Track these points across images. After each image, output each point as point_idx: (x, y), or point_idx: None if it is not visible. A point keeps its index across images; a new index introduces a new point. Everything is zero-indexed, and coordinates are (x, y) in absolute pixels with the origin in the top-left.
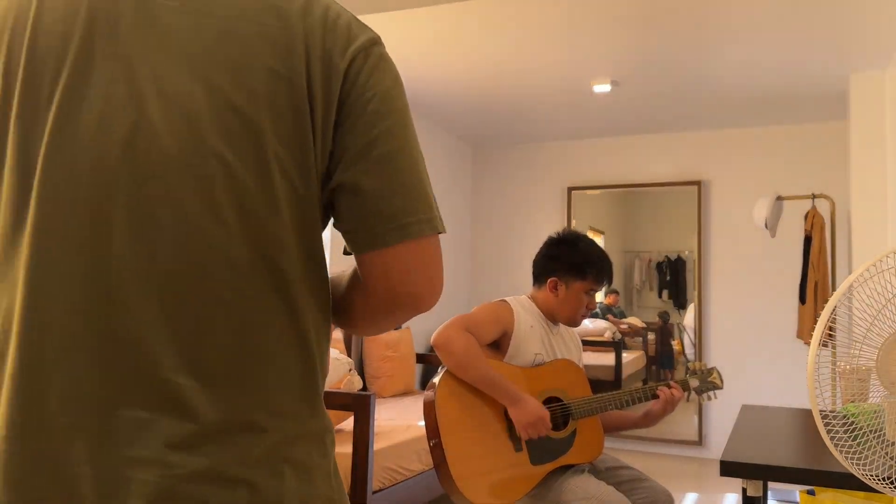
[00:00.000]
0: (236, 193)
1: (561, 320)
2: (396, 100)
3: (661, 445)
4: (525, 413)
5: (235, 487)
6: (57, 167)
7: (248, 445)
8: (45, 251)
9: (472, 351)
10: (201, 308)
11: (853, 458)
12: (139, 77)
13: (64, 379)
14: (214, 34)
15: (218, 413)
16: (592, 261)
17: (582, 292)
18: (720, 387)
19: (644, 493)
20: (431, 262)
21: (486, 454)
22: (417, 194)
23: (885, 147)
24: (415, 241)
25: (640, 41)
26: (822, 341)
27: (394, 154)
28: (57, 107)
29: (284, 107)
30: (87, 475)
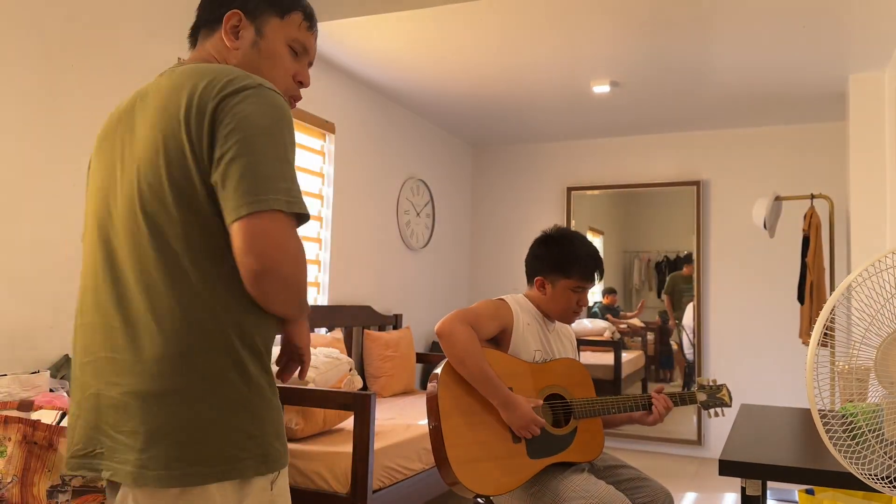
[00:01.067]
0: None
1: (555, 318)
2: (252, 121)
3: (660, 445)
4: (515, 417)
5: None
6: None
7: None
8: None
9: (473, 346)
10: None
11: (852, 458)
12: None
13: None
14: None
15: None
16: (576, 258)
17: (568, 290)
18: (728, 404)
19: (644, 493)
20: (260, 237)
21: (483, 441)
22: (249, 187)
23: (884, 147)
24: (244, 219)
25: (639, 41)
26: (821, 341)
27: (235, 160)
28: None
29: (173, 145)
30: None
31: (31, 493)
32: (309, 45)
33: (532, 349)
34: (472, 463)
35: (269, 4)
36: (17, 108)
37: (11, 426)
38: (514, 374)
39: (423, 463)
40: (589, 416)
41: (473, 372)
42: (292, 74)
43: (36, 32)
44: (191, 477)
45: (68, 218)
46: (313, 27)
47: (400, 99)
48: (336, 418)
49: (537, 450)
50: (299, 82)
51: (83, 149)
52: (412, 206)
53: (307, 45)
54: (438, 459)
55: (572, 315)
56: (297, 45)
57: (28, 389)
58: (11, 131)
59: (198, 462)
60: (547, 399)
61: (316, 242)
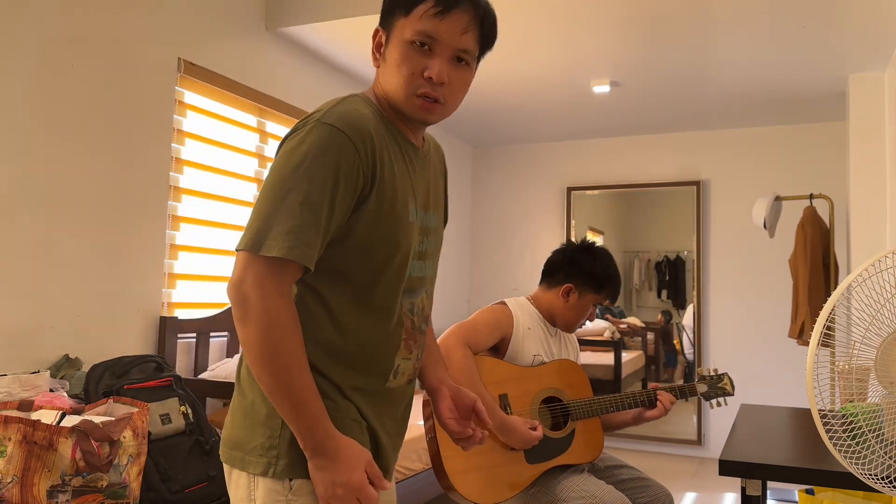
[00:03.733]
0: None
1: (559, 325)
2: (276, 161)
3: (660, 445)
4: (512, 440)
5: None
6: None
7: None
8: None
9: (468, 369)
10: None
11: (852, 458)
12: None
13: None
14: None
15: None
16: (611, 277)
17: (591, 304)
18: (731, 393)
19: (644, 493)
20: (236, 270)
21: (480, 450)
22: (250, 224)
23: (884, 147)
24: (239, 252)
25: (639, 41)
26: (821, 341)
27: (257, 198)
28: None
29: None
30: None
31: (31, 493)
32: (439, 34)
33: (531, 353)
34: (469, 473)
35: (396, 5)
36: (17, 107)
37: (11, 426)
38: (509, 379)
39: (423, 463)
40: (587, 416)
41: None
42: (420, 71)
43: (36, 32)
44: (227, 457)
45: (68, 218)
46: (446, 12)
47: None
48: None
49: (536, 455)
50: (428, 78)
51: (83, 149)
52: None
53: (436, 35)
54: (436, 468)
55: (578, 327)
56: (422, 36)
57: (28, 389)
58: (11, 131)
59: (233, 447)
60: (544, 401)
61: None
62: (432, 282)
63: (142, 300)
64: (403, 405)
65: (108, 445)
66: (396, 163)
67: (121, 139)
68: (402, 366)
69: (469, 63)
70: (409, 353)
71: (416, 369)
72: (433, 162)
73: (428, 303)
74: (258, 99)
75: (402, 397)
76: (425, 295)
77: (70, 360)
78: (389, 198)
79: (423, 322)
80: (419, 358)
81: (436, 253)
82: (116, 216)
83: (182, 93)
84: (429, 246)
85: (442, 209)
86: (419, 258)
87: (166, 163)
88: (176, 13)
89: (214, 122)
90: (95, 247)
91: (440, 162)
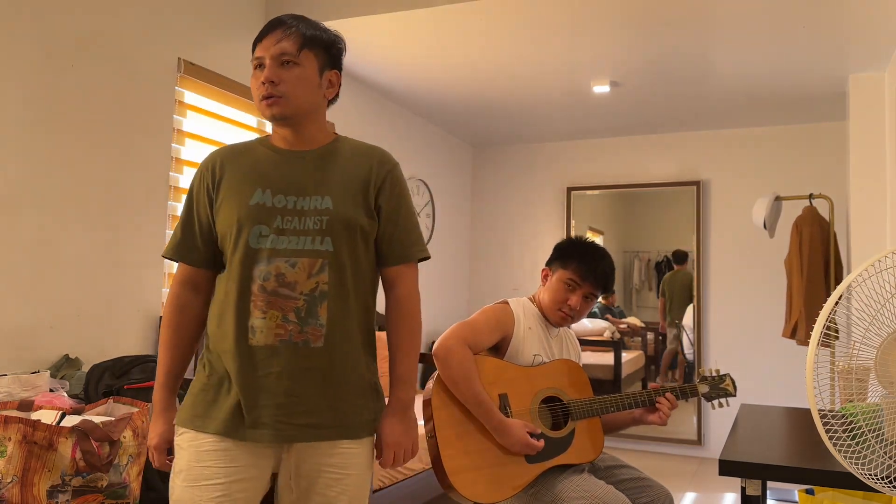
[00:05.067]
0: None
1: (548, 316)
2: None
3: (660, 445)
4: (510, 443)
5: None
6: None
7: None
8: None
9: (467, 370)
10: None
11: (852, 458)
12: None
13: None
14: None
15: None
16: (580, 254)
17: (562, 281)
18: (733, 394)
19: (644, 493)
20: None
21: (479, 450)
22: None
23: (884, 147)
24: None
25: (639, 42)
26: (821, 341)
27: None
28: None
29: None
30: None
31: (31, 493)
32: (262, 52)
33: (531, 353)
34: (468, 472)
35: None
36: (17, 107)
37: (11, 426)
38: (509, 379)
39: (423, 463)
40: (587, 416)
41: (467, 396)
42: (260, 82)
43: (36, 32)
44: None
45: (68, 218)
46: (262, 37)
47: (400, 99)
48: None
49: (535, 455)
50: (261, 84)
51: (83, 149)
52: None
53: (260, 54)
54: (435, 468)
55: (558, 313)
56: (255, 60)
57: (28, 389)
58: (12, 131)
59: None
60: (544, 401)
61: None
62: (301, 254)
63: (142, 300)
64: (279, 368)
65: (108, 445)
66: (251, 166)
67: (121, 139)
68: (257, 325)
69: (294, 62)
70: (263, 314)
71: (292, 331)
72: (336, 160)
73: (292, 272)
74: None
75: (272, 358)
76: (287, 265)
77: (70, 360)
78: (231, 190)
79: (284, 287)
80: (288, 320)
81: (310, 230)
82: (116, 216)
83: (182, 93)
84: (295, 224)
85: (336, 195)
86: (281, 233)
87: (166, 163)
88: (176, 13)
89: (214, 122)
90: (95, 247)
91: (359, 162)
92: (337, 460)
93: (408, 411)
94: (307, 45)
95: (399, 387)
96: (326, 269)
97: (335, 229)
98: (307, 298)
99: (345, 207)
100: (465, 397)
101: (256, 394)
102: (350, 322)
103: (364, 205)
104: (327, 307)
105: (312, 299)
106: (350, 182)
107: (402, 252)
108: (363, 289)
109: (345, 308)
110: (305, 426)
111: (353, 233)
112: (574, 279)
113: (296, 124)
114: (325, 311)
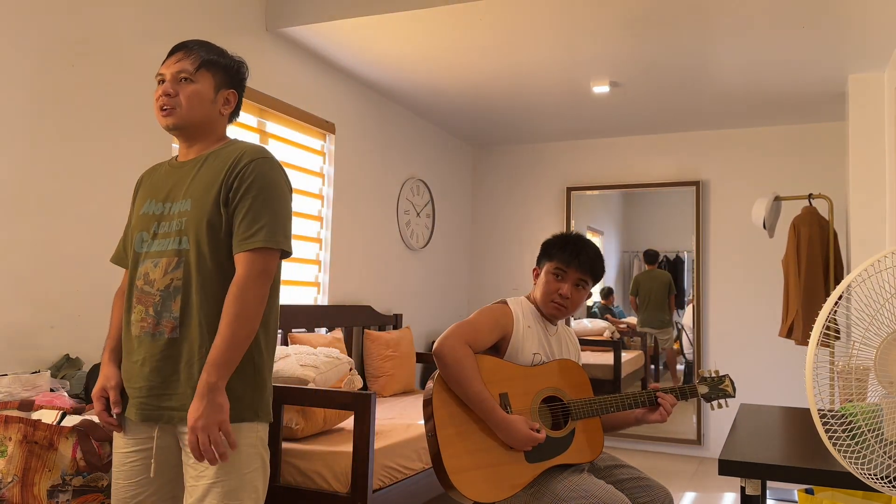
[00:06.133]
0: None
1: (542, 309)
2: None
3: (660, 444)
4: (512, 439)
5: None
6: None
7: None
8: None
9: (468, 368)
10: None
11: (852, 458)
12: None
13: None
14: None
15: None
16: (561, 242)
17: (550, 273)
18: (732, 395)
19: (643, 492)
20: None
21: (479, 449)
22: None
23: (884, 147)
24: None
25: (639, 42)
26: (821, 341)
27: None
28: None
29: None
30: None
31: (31, 493)
32: (163, 71)
33: (530, 352)
34: (468, 471)
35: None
36: (17, 107)
37: (12, 426)
38: (509, 378)
39: (423, 463)
40: (587, 416)
41: (469, 395)
42: (157, 97)
43: (36, 32)
44: None
45: (69, 218)
46: (167, 58)
47: (400, 99)
48: (336, 418)
49: (536, 454)
50: (159, 97)
51: (83, 149)
52: (412, 206)
53: (162, 72)
54: (436, 467)
55: (551, 304)
56: (158, 77)
57: (28, 389)
58: (11, 131)
59: None
60: (544, 401)
61: (316, 242)
62: (163, 255)
63: None
64: (142, 356)
65: (108, 445)
66: (152, 180)
67: (121, 139)
68: (132, 317)
69: (191, 79)
70: (133, 308)
71: (150, 324)
72: (209, 162)
73: (154, 271)
74: (258, 99)
75: (139, 347)
76: (152, 265)
77: (70, 360)
78: (137, 203)
79: (147, 285)
80: (149, 314)
81: (173, 231)
82: (116, 216)
83: None
84: (165, 228)
85: (196, 196)
86: (155, 237)
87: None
88: (176, 13)
89: None
90: (95, 247)
91: (224, 160)
92: (175, 446)
93: (212, 395)
94: (204, 65)
95: (205, 370)
96: (182, 267)
97: (190, 228)
98: (162, 294)
99: (200, 206)
100: (467, 395)
101: (129, 377)
102: (206, 314)
103: (216, 200)
104: (180, 301)
105: (167, 294)
106: (210, 181)
107: (239, 241)
108: (223, 282)
109: (197, 301)
110: (165, 408)
111: (206, 229)
112: (560, 267)
113: (189, 135)
114: (177, 305)
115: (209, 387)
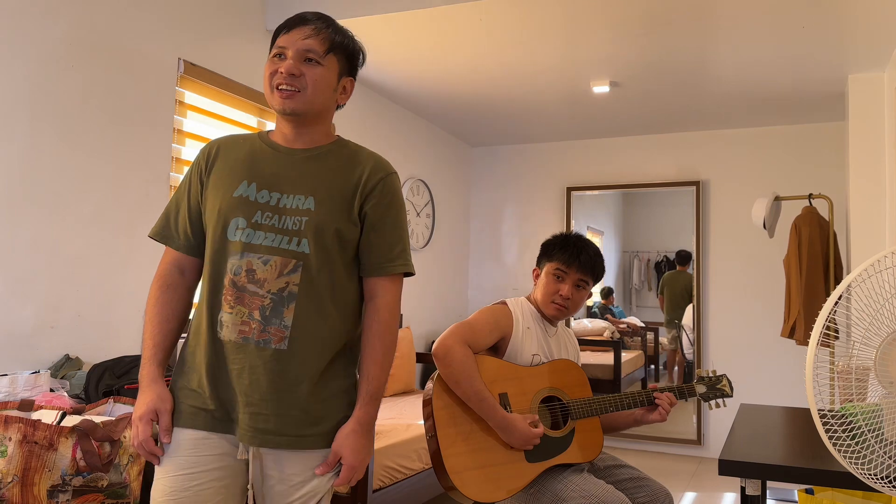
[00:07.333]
0: None
1: (543, 310)
2: None
3: (660, 444)
4: (513, 439)
5: None
6: None
7: None
8: None
9: (468, 368)
10: None
11: (852, 458)
12: None
13: None
14: None
15: None
16: (561, 243)
17: (550, 273)
18: (729, 395)
19: (643, 492)
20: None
21: (480, 449)
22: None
23: (884, 147)
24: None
25: (638, 42)
26: (821, 341)
27: None
28: None
29: None
30: None
31: (31, 493)
32: (284, 45)
33: (529, 353)
34: (469, 471)
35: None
36: (18, 107)
37: (12, 426)
38: (509, 378)
39: (423, 463)
40: (586, 416)
41: (469, 395)
42: (276, 71)
43: (36, 32)
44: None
45: (68, 218)
46: (289, 29)
47: (400, 99)
48: None
49: (535, 454)
50: (279, 72)
51: (83, 149)
52: (412, 206)
53: (282, 44)
54: (436, 466)
55: (552, 306)
56: (277, 48)
57: (28, 389)
58: (12, 131)
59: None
60: (544, 401)
61: None
62: (275, 252)
63: (142, 300)
64: (248, 364)
65: (108, 445)
66: (239, 155)
67: (121, 139)
68: (225, 318)
69: (318, 62)
70: (231, 308)
71: (255, 330)
72: (328, 162)
73: (263, 269)
74: (258, 99)
75: (241, 354)
76: (259, 262)
77: (70, 359)
78: (220, 179)
79: (252, 284)
80: (253, 317)
81: (288, 229)
82: (116, 216)
83: (182, 93)
84: (274, 221)
85: (320, 197)
86: (255, 228)
87: (166, 163)
88: (176, 13)
89: (214, 123)
90: (95, 247)
91: (351, 166)
92: (275, 472)
93: (371, 430)
94: (334, 49)
95: (369, 402)
96: (299, 271)
97: (311, 231)
98: (274, 298)
99: (326, 211)
100: (467, 395)
101: (222, 387)
102: (320, 328)
103: (347, 210)
104: (294, 309)
105: (279, 299)
106: (338, 185)
107: (381, 264)
108: (342, 296)
109: (315, 312)
110: (258, 430)
111: (331, 237)
112: (560, 268)
113: (302, 122)
114: (291, 314)
115: (371, 421)
